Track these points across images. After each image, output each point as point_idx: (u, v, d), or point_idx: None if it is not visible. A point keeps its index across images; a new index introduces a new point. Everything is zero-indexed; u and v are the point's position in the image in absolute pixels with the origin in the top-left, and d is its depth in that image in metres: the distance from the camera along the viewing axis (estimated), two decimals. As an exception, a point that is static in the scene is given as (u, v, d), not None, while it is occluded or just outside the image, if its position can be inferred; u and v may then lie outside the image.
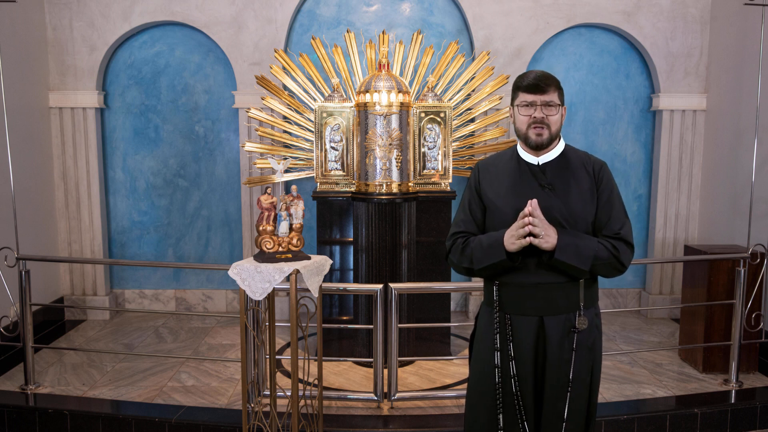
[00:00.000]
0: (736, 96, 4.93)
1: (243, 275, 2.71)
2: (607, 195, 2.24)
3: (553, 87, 2.19)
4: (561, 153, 2.28)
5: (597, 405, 2.34)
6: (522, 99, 2.21)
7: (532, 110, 2.19)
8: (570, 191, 2.21)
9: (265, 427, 2.98)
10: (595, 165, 2.27)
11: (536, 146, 2.22)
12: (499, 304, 2.25)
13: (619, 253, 2.18)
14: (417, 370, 4.23)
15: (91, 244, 5.39)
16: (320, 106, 4.40)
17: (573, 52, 5.52)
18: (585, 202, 2.21)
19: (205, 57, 5.44)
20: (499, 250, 2.15)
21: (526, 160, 2.27)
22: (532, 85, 2.18)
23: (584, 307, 2.22)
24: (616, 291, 5.73)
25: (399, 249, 4.16)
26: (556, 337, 2.19)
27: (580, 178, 2.23)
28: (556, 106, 2.19)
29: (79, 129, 5.30)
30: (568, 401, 2.20)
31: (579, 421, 2.24)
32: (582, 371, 2.22)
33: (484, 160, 2.42)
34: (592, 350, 2.25)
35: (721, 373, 4.15)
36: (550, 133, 2.20)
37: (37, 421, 3.59)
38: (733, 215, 4.91)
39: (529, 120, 2.20)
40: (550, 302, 2.19)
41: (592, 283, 2.26)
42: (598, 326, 2.29)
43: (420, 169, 4.43)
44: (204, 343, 4.84)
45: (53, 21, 5.20)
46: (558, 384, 2.20)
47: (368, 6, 5.42)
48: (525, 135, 2.23)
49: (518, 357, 2.21)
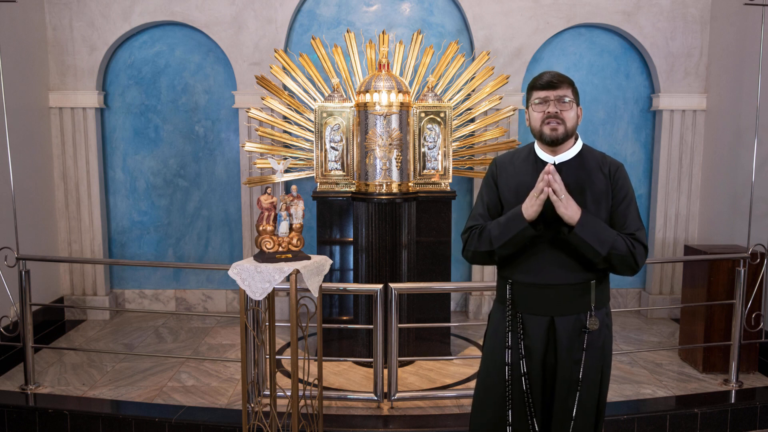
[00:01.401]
0: (736, 96, 4.93)
1: (243, 275, 2.71)
2: (622, 197, 2.25)
3: (567, 84, 2.20)
4: (578, 153, 2.28)
5: (606, 404, 2.35)
6: (536, 96, 2.22)
7: (546, 106, 2.19)
8: (585, 192, 2.21)
9: (265, 427, 2.98)
10: (611, 166, 2.28)
11: (551, 141, 2.22)
12: (511, 302, 2.27)
13: (635, 251, 2.19)
14: (417, 370, 4.23)
15: (91, 244, 5.39)
16: (320, 106, 4.39)
17: (573, 52, 5.52)
18: (599, 204, 2.21)
19: (205, 57, 5.44)
20: (519, 220, 2.15)
21: (543, 159, 2.28)
22: (545, 82, 2.19)
23: (595, 308, 2.23)
24: (616, 291, 5.73)
25: (399, 249, 4.16)
26: (567, 337, 2.20)
27: (595, 179, 2.24)
28: (570, 102, 2.19)
29: (79, 129, 5.30)
30: (578, 400, 2.21)
31: (588, 420, 2.25)
32: (592, 371, 2.23)
33: (501, 156, 2.42)
34: (602, 350, 2.26)
35: (721, 373, 4.15)
36: (565, 128, 2.20)
37: (37, 421, 3.59)
38: (733, 215, 4.91)
39: (543, 115, 2.20)
40: (562, 303, 2.21)
41: (603, 284, 2.27)
42: (608, 326, 2.30)
43: (420, 169, 4.43)
44: (204, 343, 4.84)
45: (53, 21, 5.20)
46: (568, 383, 2.21)
47: (368, 6, 5.42)
48: (540, 131, 2.23)
49: (529, 355, 2.23)
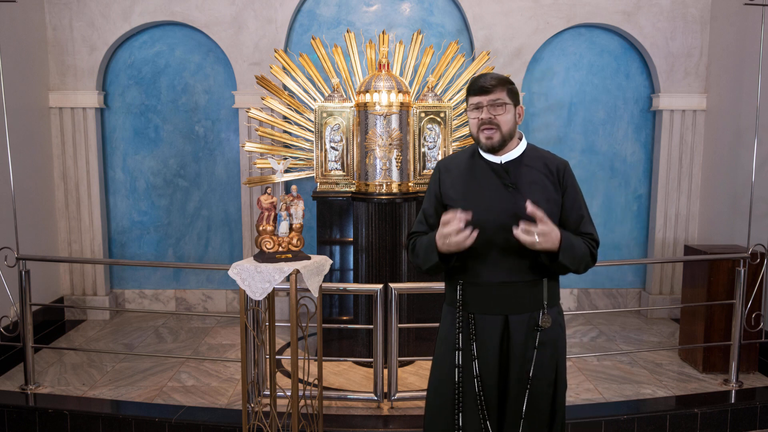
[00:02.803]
0: (736, 96, 4.93)
1: (243, 275, 2.71)
2: (573, 195, 2.24)
3: (500, 87, 2.16)
4: (523, 152, 2.26)
5: (565, 405, 2.31)
6: (470, 102, 2.21)
7: (480, 112, 2.17)
8: (534, 190, 2.19)
9: (265, 427, 2.98)
10: (559, 165, 2.26)
11: (487, 149, 2.21)
12: (462, 304, 2.23)
13: (595, 253, 2.23)
14: (417, 370, 4.23)
15: (91, 244, 5.40)
16: (320, 106, 4.40)
17: (573, 52, 5.52)
18: (549, 202, 2.19)
19: (205, 57, 5.44)
20: (434, 252, 2.15)
21: (489, 159, 2.25)
22: (477, 87, 2.17)
23: (548, 306, 2.22)
24: (616, 291, 5.73)
25: (399, 249, 4.16)
26: (521, 335, 2.18)
27: (543, 177, 2.22)
28: (503, 105, 2.16)
29: (79, 129, 5.30)
30: (528, 398, 2.19)
31: (542, 420, 2.22)
32: (545, 369, 2.20)
33: (444, 159, 2.39)
34: (555, 348, 2.23)
35: (721, 373, 4.15)
36: (501, 134, 2.17)
37: (37, 421, 3.59)
38: (733, 215, 4.91)
39: (478, 122, 2.18)
40: (516, 301, 2.19)
41: (555, 282, 2.26)
42: (561, 324, 2.29)
43: (420, 169, 4.43)
44: (204, 343, 4.84)
45: (53, 21, 5.20)
46: (520, 382, 2.19)
47: (368, 6, 5.42)
48: (477, 138, 2.22)
49: (482, 356, 2.19)
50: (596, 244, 2.25)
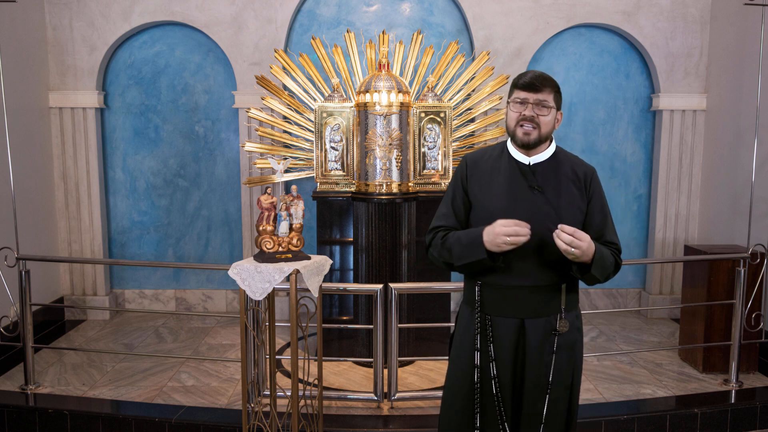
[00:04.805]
0: (736, 96, 4.93)
1: (243, 275, 2.71)
2: (599, 203, 2.24)
3: (549, 88, 2.15)
4: (552, 154, 2.25)
5: (578, 407, 2.32)
6: (515, 96, 2.18)
7: (523, 108, 2.16)
8: (560, 195, 2.18)
9: (265, 427, 2.98)
10: (587, 171, 2.26)
11: (522, 145, 2.19)
12: (480, 305, 2.22)
13: (620, 263, 2.23)
14: (417, 370, 4.23)
15: (91, 244, 5.39)
16: (320, 106, 4.40)
17: (573, 52, 5.52)
18: (574, 207, 2.19)
19: (205, 57, 5.44)
20: (479, 249, 2.10)
21: (517, 159, 2.24)
22: (527, 83, 2.15)
23: (566, 310, 2.20)
24: (616, 291, 5.73)
25: (399, 249, 4.16)
26: (537, 339, 2.16)
27: (569, 182, 2.21)
28: (548, 107, 2.15)
29: (79, 129, 5.30)
30: (548, 403, 2.18)
31: (559, 423, 2.22)
32: (562, 374, 2.19)
33: (472, 153, 2.37)
34: (572, 352, 2.22)
35: (721, 373, 4.15)
36: (539, 133, 2.16)
37: (37, 421, 3.59)
38: (733, 215, 4.91)
39: (519, 117, 2.17)
40: (532, 305, 2.17)
41: (574, 287, 2.25)
42: (579, 328, 2.28)
43: (420, 169, 4.43)
44: (204, 343, 4.84)
45: (53, 21, 5.20)
46: (538, 386, 2.17)
47: (368, 6, 5.42)
48: (513, 132, 2.20)
49: (498, 358, 2.19)
50: (619, 252, 2.24)
